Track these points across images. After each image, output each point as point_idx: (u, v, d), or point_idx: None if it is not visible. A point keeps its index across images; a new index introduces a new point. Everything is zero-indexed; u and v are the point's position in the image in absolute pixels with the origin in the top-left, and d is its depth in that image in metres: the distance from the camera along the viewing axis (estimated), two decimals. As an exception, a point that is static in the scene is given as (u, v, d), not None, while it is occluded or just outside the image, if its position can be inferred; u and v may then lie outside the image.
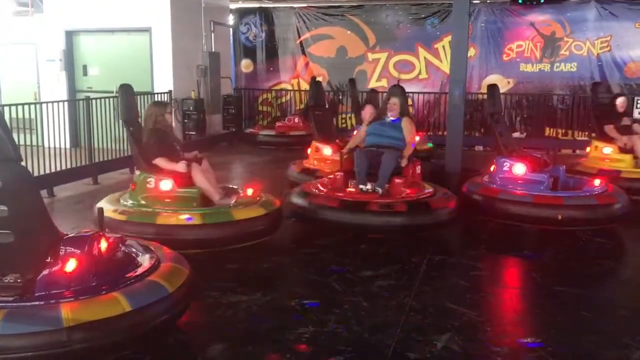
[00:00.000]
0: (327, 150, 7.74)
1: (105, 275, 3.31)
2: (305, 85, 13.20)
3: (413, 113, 12.95)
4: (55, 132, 7.66)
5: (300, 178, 7.38)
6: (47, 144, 7.73)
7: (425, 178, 6.47)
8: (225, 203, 5.29)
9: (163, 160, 5.41)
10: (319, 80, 9.49)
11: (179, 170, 5.37)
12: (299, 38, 13.92)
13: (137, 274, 3.39)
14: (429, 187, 6.04)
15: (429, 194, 5.79)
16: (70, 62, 11.36)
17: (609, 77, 12.11)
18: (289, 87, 14.13)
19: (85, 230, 3.59)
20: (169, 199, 5.31)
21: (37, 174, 6.95)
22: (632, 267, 5.37)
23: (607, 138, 8.12)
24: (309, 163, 7.84)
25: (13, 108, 7.00)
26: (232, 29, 13.51)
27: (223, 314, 3.90)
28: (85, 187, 7.86)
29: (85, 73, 11.37)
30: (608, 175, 7.09)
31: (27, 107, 7.23)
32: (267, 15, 14.10)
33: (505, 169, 6.39)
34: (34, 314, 2.94)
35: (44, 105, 7.85)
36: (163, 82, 10.69)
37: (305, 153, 8.14)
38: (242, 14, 14.21)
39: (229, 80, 12.97)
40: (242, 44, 14.35)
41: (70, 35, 11.31)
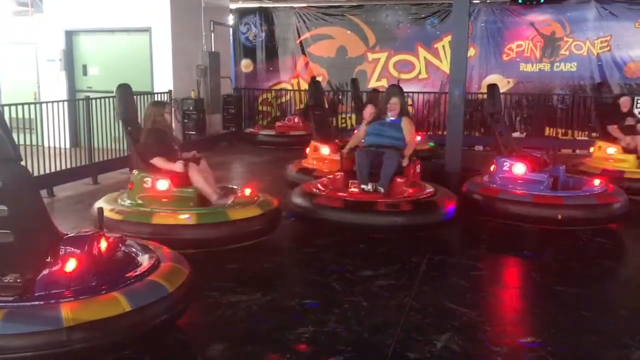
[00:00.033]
0: (325, 150, 7.74)
1: (105, 275, 3.31)
2: (305, 85, 13.20)
3: (413, 113, 12.97)
4: (55, 132, 7.66)
5: (299, 177, 7.38)
6: (47, 144, 7.72)
7: (425, 178, 6.46)
8: (222, 203, 5.29)
9: (160, 160, 5.42)
10: (318, 80, 9.49)
11: (176, 170, 5.38)
12: (299, 38, 13.92)
13: (137, 274, 3.39)
14: (430, 186, 6.04)
15: (431, 193, 5.80)
16: (70, 62, 11.36)
17: (609, 77, 12.12)
18: (289, 87, 14.13)
19: (85, 230, 3.59)
20: (166, 199, 5.31)
21: (37, 174, 6.95)
22: (632, 266, 5.37)
23: (610, 138, 8.06)
24: (307, 162, 7.84)
25: (13, 108, 7.00)
26: (232, 29, 13.51)
27: (223, 314, 3.90)
28: (85, 187, 7.86)
29: (85, 73, 11.38)
30: (611, 176, 7.09)
31: (27, 107, 7.23)
32: (267, 15, 14.10)
33: (505, 169, 6.39)
34: (34, 314, 2.93)
35: (44, 105, 7.85)
36: (163, 82, 10.69)
37: (304, 153, 8.15)
38: (242, 14, 14.21)
39: (229, 80, 12.97)
40: (242, 44, 14.36)
41: (70, 35, 11.31)
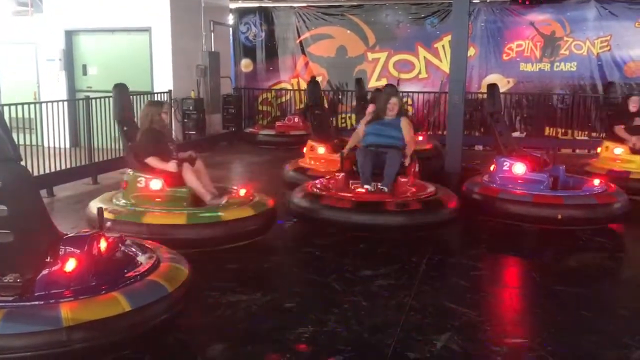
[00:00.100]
0: (321, 149, 7.74)
1: (105, 275, 3.31)
2: (305, 85, 13.20)
3: (413, 112, 12.99)
4: (55, 131, 7.66)
5: (295, 177, 7.39)
6: (46, 144, 7.72)
7: (425, 177, 6.46)
8: (216, 203, 5.28)
9: (154, 160, 5.42)
10: (317, 80, 9.48)
11: (170, 170, 5.38)
12: (299, 38, 13.91)
13: (136, 274, 3.39)
14: (430, 186, 6.05)
15: (433, 192, 5.81)
16: (70, 61, 11.36)
17: (609, 76, 12.11)
18: (289, 86, 14.13)
19: (85, 230, 3.59)
20: (159, 199, 5.31)
21: (36, 174, 6.95)
22: (632, 266, 5.37)
23: (618, 138, 7.97)
24: (304, 162, 7.83)
25: (13, 108, 7.00)
26: (231, 29, 13.50)
27: (223, 314, 3.90)
28: (85, 186, 7.86)
29: (85, 73, 11.37)
30: (618, 177, 7.08)
31: (26, 106, 7.23)
32: (266, 15, 14.10)
33: (505, 169, 6.39)
34: (34, 314, 2.94)
35: (44, 105, 7.85)
36: (163, 81, 10.69)
37: (302, 152, 8.16)
38: (241, 14, 14.21)
39: (229, 80, 12.97)
40: (241, 44, 14.35)
41: (70, 35, 11.30)
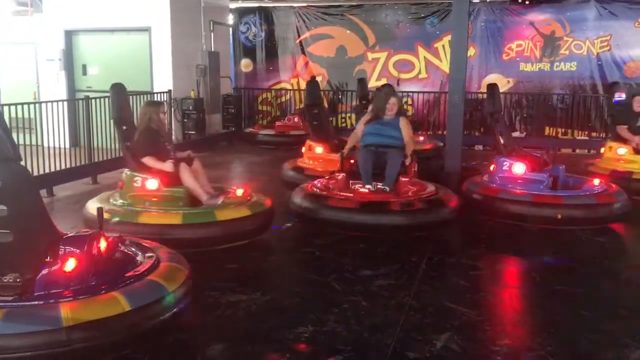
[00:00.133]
0: (318, 149, 7.75)
1: (105, 275, 3.32)
2: (305, 85, 13.21)
3: (413, 112, 13.00)
4: (55, 131, 7.66)
5: (292, 176, 7.40)
6: (46, 144, 7.73)
7: (425, 177, 6.46)
8: (213, 203, 5.28)
9: (151, 159, 5.43)
10: (316, 80, 9.47)
11: (166, 170, 5.38)
12: (299, 37, 13.91)
13: (136, 274, 3.39)
14: (430, 185, 6.06)
15: (434, 192, 5.82)
16: (70, 61, 11.36)
17: (609, 76, 12.12)
18: (289, 86, 14.13)
19: (85, 230, 3.59)
20: (156, 198, 5.31)
21: (36, 174, 6.95)
22: (632, 266, 5.37)
23: (622, 139, 7.93)
24: (302, 162, 7.84)
25: (12, 108, 7.00)
26: (231, 29, 13.50)
27: (222, 314, 3.90)
28: (85, 186, 7.86)
29: (85, 72, 11.37)
30: (620, 177, 7.07)
31: (26, 106, 7.23)
32: (266, 15, 14.10)
33: (505, 169, 6.39)
34: (34, 314, 2.93)
35: (44, 105, 7.85)
36: (162, 81, 10.69)
37: (301, 152, 8.16)
38: (241, 14, 14.21)
39: (229, 80, 12.97)
40: (241, 44, 14.35)
41: (70, 35, 11.31)
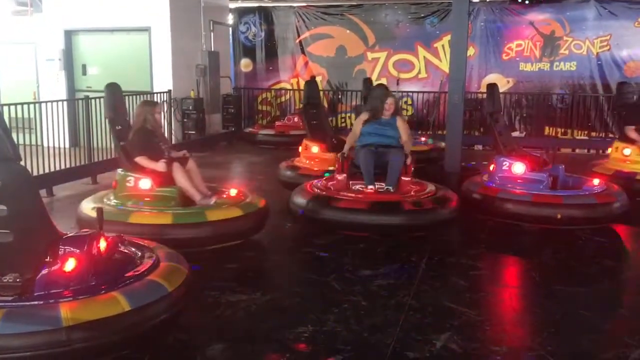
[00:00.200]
0: (314, 149, 7.76)
1: (105, 275, 3.31)
2: (305, 85, 13.22)
3: (413, 112, 13.01)
4: (55, 131, 7.66)
5: (288, 175, 7.42)
6: (46, 144, 7.72)
7: (425, 177, 6.46)
8: (205, 203, 5.28)
9: (144, 159, 5.43)
10: (315, 79, 9.47)
11: (159, 169, 5.39)
12: (299, 37, 13.92)
13: (136, 274, 3.39)
14: (429, 184, 6.06)
15: (434, 191, 5.83)
16: (70, 61, 11.36)
17: (609, 76, 12.13)
18: (289, 86, 14.13)
19: (85, 230, 3.59)
20: (148, 198, 5.32)
21: (36, 174, 6.95)
22: (632, 266, 5.38)
23: (630, 139, 7.90)
24: (299, 161, 7.85)
25: (12, 107, 7.00)
26: (231, 28, 13.50)
27: (222, 314, 3.90)
28: (85, 186, 7.85)
29: (85, 72, 11.37)
30: (624, 177, 7.07)
31: (26, 106, 7.23)
32: (266, 15, 14.10)
33: (505, 168, 6.39)
34: (33, 314, 2.93)
35: (43, 105, 7.85)
36: (162, 81, 10.69)
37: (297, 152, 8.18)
38: (241, 13, 14.21)
39: (229, 80, 12.97)
40: (241, 44, 14.35)
41: (70, 35, 11.31)
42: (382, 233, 5.47)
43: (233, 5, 13.70)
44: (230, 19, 13.43)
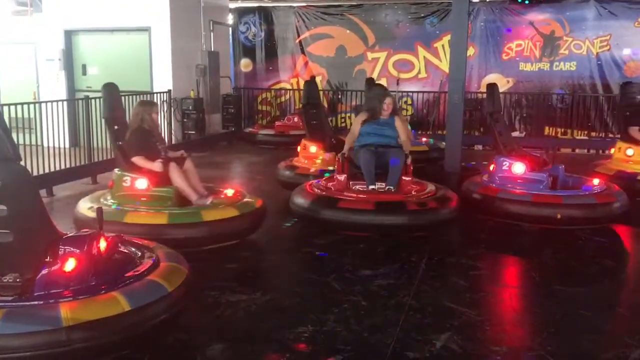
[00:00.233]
0: (312, 148, 7.76)
1: (105, 275, 3.31)
2: (305, 85, 13.22)
3: (413, 113, 13.01)
4: (55, 131, 7.66)
5: (286, 175, 7.43)
6: (46, 144, 7.72)
7: (425, 177, 6.46)
8: (202, 203, 5.28)
9: (140, 159, 5.43)
10: (314, 79, 9.46)
11: (155, 169, 5.39)
12: (299, 37, 13.92)
13: (136, 274, 3.39)
14: (429, 184, 6.06)
15: (435, 191, 5.84)
16: (70, 61, 11.36)
17: (609, 76, 12.14)
18: (288, 86, 14.13)
19: (85, 230, 3.59)
20: (145, 198, 5.32)
21: (36, 174, 6.96)
22: (631, 266, 5.38)
23: (633, 140, 7.87)
24: (298, 161, 7.85)
25: (12, 107, 7.00)
26: (231, 28, 13.51)
27: (222, 314, 3.90)
28: (85, 186, 7.85)
29: (85, 72, 11.37)
30: (626, 178, 7.07)
31: (26, 106, 7.23)
32: (266, 15, 14.10)
33: (505, 168, 6.39)
34: (33, 314, 2.93)
35: (43, 105, 7.85)
36: (162, 81, 10.69)
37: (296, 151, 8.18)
38: (241, 13, 14.21)
39: (228, 80, 12.97)
40: (241, 43, 14.35)
41: (70, 35, 11.31)
42: (387, 233, 5.47)
43: (233, 5, 13.70)
44: (230, 19, 13.43)
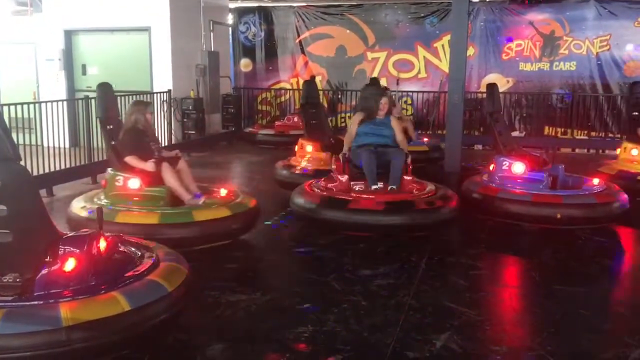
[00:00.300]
0: (309, 148, 7.77)
1: (104, 275, 3.31)
2: (305, 85, 13.22)
3: (413, 112, 13.01)
4: (55, 131, 7.66)
5: (284, 174, 7.44)
6: (46, 144, 7.73)
7: (425, 177, 6.46)
8: (194, 203, 5.27)
9: (133, 159, 5.44)
10: (314, 79, 9.47)
11: (148, 169, 5.39)
12: (298, 37, 13.92)
13: (136, 273, 3.39)
14: (428, 183, 6.07)
15: (435, 190, 5.84)
16: (70, 61, 11.36)
17: (608, 76, 12.14)
18: (288, 86, 14.13)
19: (85, 230, 3.59)
20: (137, 198, 5.32)
21: (36, 174, 6.96)
22: (631, 265, 5.38)
23: (639, 140, 7.83)
24: (295, 160, 7.85)
25: (12, 107, 7.01)
26: (231, 28, 13.51)
27: (222, 314, 3.90)
28: (85, 186, 7.84)
29: (85, 72, 11.37)
30: (627, 178, 7.07)
31: (26, 106, 7.24)
32: (266, 15, 14.10)
33: (505, 168, 6.39)
34: (33, 314, 2.93)
35: (43, 105, 7.85)
36: (162, 81, 10.70)
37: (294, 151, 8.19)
38: (241, 13, 14.21)
39: (228, 80, 12.98)
40: (241, 43, 14.35)
41: (70, 35, 11.31)
42: (393, 233, 5.46)
43: (233, 5, 13.70)
44: (230, 19, 13.43)
